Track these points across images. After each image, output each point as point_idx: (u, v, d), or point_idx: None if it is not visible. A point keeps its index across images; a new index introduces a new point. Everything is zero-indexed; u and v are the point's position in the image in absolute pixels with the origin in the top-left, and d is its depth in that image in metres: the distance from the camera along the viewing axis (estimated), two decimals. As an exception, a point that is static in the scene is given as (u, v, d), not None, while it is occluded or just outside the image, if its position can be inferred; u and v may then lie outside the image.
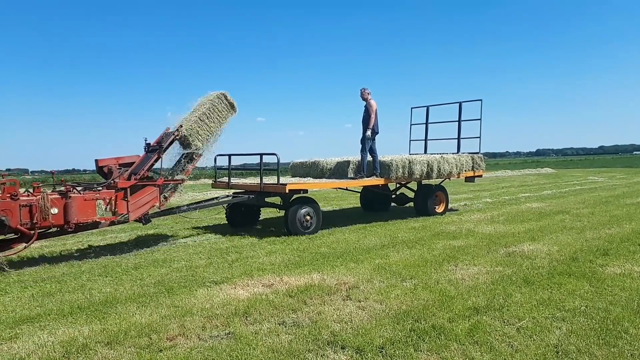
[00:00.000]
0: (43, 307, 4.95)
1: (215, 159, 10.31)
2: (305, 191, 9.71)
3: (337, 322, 4.28)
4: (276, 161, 9.13)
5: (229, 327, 4.22)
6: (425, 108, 13.34)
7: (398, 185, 12.33)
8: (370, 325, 4.16)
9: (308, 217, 9.17)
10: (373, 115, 10.19)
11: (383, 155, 10.94)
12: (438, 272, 5.97)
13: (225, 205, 9.72)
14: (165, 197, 7.98)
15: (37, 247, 8.41)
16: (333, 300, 4.92)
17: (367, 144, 10.33)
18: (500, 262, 6.42)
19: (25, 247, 6.64)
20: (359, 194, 13.28)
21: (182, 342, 3.91)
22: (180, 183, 8.23)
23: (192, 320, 4.38)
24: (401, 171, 10.50)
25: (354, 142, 11.22)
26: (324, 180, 10.76)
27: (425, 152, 13.23)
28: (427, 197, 11.53)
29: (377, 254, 7.16)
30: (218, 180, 10.84)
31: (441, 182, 12.20)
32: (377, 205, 12.78)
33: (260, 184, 9.28)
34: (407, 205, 12.57)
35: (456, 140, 12.60)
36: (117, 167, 7.61)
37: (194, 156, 8.33)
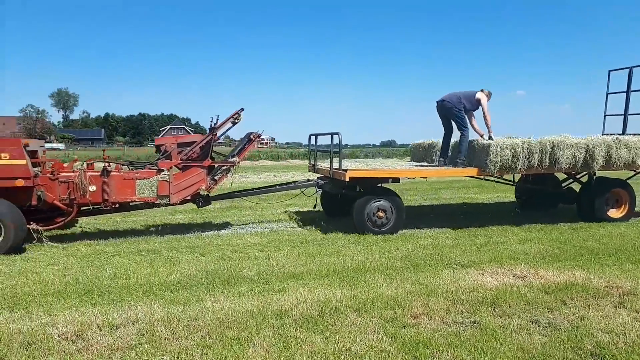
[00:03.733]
0: (305, 266, 5.59)
1: (309, 138, 9.40)
2: (396, 180, 7.89)
3: (605, 332, 3.63)
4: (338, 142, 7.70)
5: (475, 315, 4.01)
6: (628, 70, 9.72)
7: (569, 178, 9.11)
8: (652, 344, 3.39)
9: (381, 214, 7.43)
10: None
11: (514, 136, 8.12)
12: None
13: (302, 189, 8.67)
14: (215, 180, 7.47)
15: (293, 212, 9.55)
16: (600, 305, 4.20)
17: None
18: None
19: (63, 222, 6.86)
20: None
21: (425, 322, 3.88)
22: (231, 165, 7.56)
23: (436, 302, 4.31)
24: (537, 157, 7.68)
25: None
26: (404, 166, 8.83)
27: (624, 132, 9.63)
28: (595, 196, 8.36)
29: (664, 256, 5.84)
30: (312, 163, 9.46)
31: (633, 176, 8.94)
32: (537, 200, 9.83)
33: (331, 169, 7.93)
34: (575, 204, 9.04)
35: None
36: (174, 146, 7.28)
37: (251, 137, 7.76)
